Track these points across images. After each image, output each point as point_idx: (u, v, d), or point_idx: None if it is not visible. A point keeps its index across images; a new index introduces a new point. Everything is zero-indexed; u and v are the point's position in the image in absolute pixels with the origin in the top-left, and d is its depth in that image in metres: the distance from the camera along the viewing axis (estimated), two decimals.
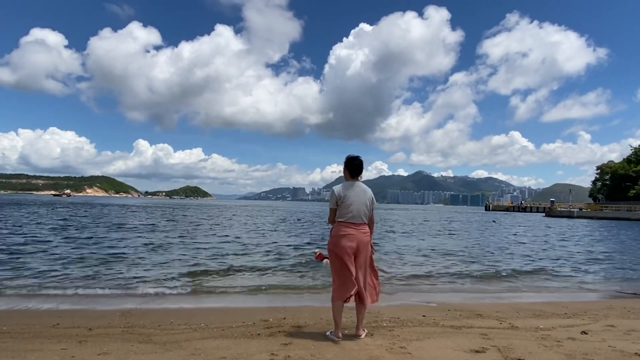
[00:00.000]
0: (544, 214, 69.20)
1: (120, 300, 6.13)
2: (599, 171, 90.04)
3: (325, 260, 4.15)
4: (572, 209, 65.13)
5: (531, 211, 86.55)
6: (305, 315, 5.01)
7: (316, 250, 4.78)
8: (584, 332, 4.42)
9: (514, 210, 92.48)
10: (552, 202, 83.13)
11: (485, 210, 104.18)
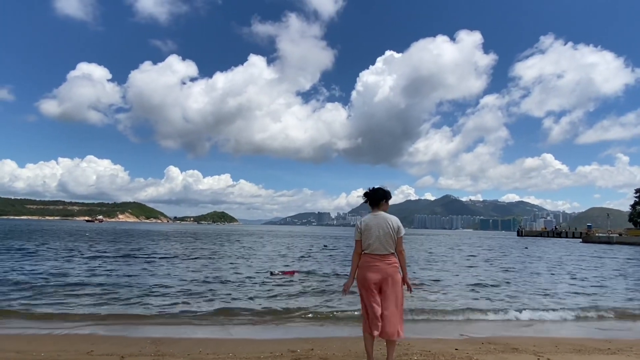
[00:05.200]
0: (580, 240, 66.08)
1: (151, 328, 6.22)
2: (638, 194, 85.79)
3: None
4: (610, 235, 62.02)
5: (566, 236, 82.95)
6: (333, 347, 4.93)
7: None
8: None
9: (547, 236, 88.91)
10: (589, 227, 79.65)
11: (518, 235, 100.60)
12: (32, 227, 66.20)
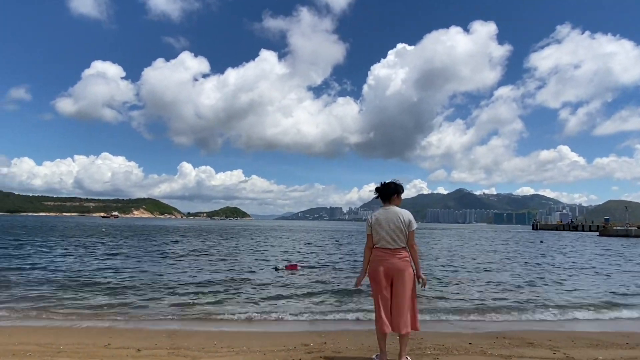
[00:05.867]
0: (597, 234, 64.86)
1: (167, 322, 6.32)
2: None
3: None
4: (629, 228, 60.68)
5: (583, 230, 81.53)
6: (346, 340, 4.95)
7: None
8: None
9: (563, 229, 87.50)
10: (607, 220, 78.16)
11: (533, 229, 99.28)
12: (50, 224, 67.68)
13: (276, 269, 12.37)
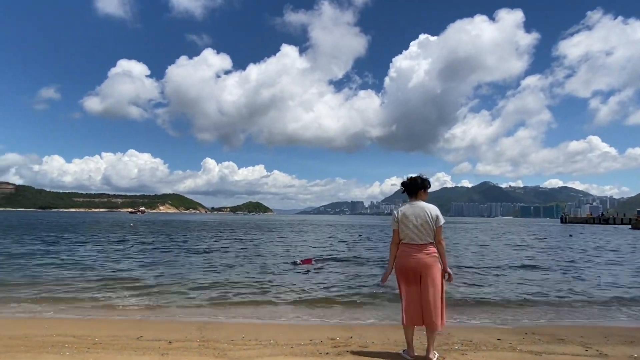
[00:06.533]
0: (630, 227, 62.32)
1: (196, 314, 6.49)
2: None
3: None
4: None
5: (614, 223, 78.49)
6: (372, 335, 4.96)
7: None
8: None
9: (594, 222, 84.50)
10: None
11: (562, 222, 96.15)
12: (80, 219, 70.13)
13: (294, 263, 12.56)
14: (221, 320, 6.10)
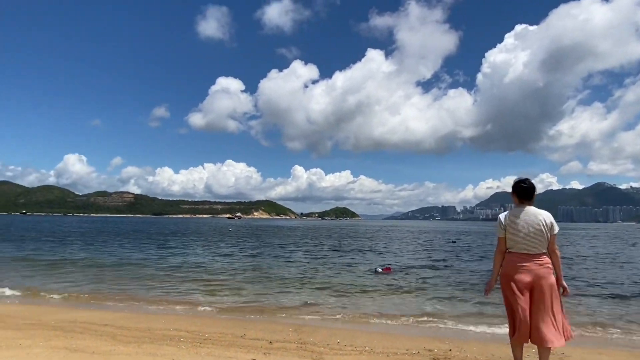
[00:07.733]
0: None
1: (293, 316, 6.78)
2: None
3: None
4: None
5: None
6: (473, 349, 4.67)
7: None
8: None
9: None
10: None
11: None
12: (188, 225, 77.56)
13: (375, 271, 12.40)
14: (315, 323, 6.28)
